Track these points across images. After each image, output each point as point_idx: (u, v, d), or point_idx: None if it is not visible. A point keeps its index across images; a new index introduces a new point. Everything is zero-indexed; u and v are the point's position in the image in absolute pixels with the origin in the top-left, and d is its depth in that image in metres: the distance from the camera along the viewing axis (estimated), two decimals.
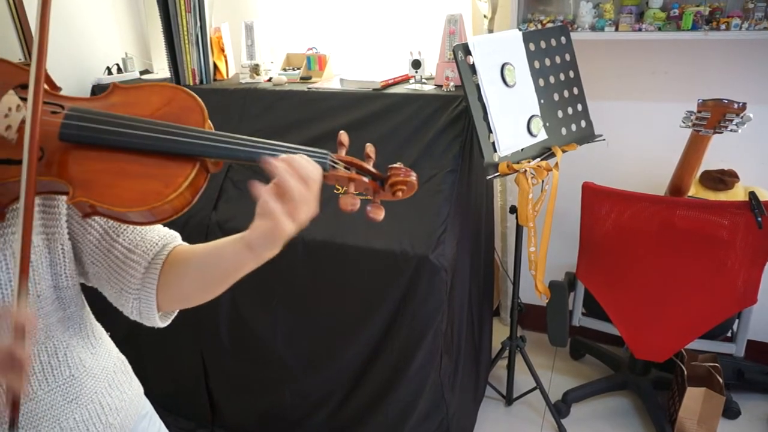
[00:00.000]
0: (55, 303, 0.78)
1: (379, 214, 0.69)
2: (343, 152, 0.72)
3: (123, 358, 0.96)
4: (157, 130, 0.66)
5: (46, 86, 0.71)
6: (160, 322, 0.83)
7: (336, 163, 0.70)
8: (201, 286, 0.78)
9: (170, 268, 0.79)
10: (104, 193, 0.64)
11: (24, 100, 0.68)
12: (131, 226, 0.81)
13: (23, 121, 0.66)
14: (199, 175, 0.67)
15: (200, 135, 0.67)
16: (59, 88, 0.71)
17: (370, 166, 0.72)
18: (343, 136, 0.72)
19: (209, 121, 0.71)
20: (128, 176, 0.66)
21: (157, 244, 0.81)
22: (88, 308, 0.88)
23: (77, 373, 0.82)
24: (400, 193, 0.71)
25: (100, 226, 0.79)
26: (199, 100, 0.72)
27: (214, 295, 0.78)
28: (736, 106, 1.61)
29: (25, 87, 0.70)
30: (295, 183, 0.62)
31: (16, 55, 2.05)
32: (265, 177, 0.64)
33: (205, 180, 0.68)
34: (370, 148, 0.73)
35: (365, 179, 0.71)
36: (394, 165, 0.72)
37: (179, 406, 2.06)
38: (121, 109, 0.71)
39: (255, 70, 2.13)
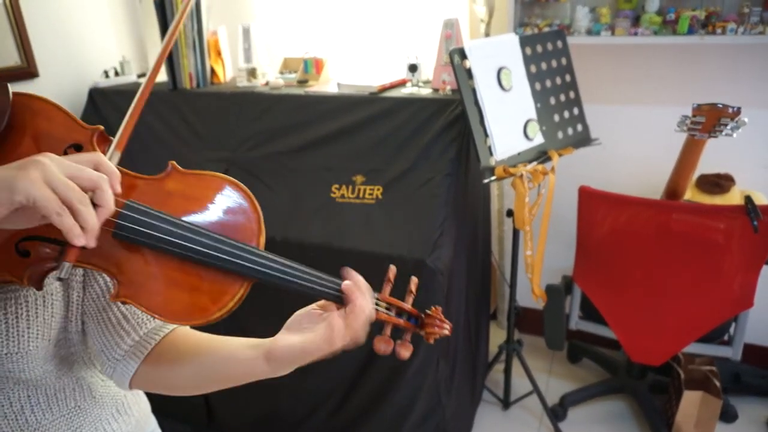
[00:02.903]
0: (61, 342, 0.76)
1: (406, 354, 0.69)
2: (387, 290, 0.71)
3: None
4: (217, 247, 0.62)
5: (96, 145, 0.66)
6: (128, 391, 0.80)
7: (378, 303, 0.69)
8: (194, 381, 0.74)
9: (163, 353, 0.75)
10: (148, 299, 0.61)
11: None
12: None
13: None
14: (246, 292, 0.65)
15: (260, 261, 0.64)
16: (109, 141, 0.66)
17: (409, 306, 0.72)
18: (392, 272, 0.71)
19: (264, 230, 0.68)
20: (176, 286, 0.63)
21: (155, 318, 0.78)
22: None
23: (84, 403, 0.80)
24: (432, 340, 0.73)
25: (105, 283, 0.76)
26: (257, 204, 0.68)
27: (201, 392, 0.75)
28: (730, 110, 1.62)
29: (79, 148, 0.65)
30: (363, 315, 0.64)
31: (12, 59, 2.04)
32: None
33: (248, 291, 0.65)
34: (413, 284, 0.72)
35: (402, 321, 0.71)
36: (431, 312, 0.72)
37: (174, 409, 2.05)
38: (177, 202, 0.66)
39: (252, 73, 2.13)
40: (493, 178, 1.64)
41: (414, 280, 0.73)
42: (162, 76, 2.28)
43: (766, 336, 2.29)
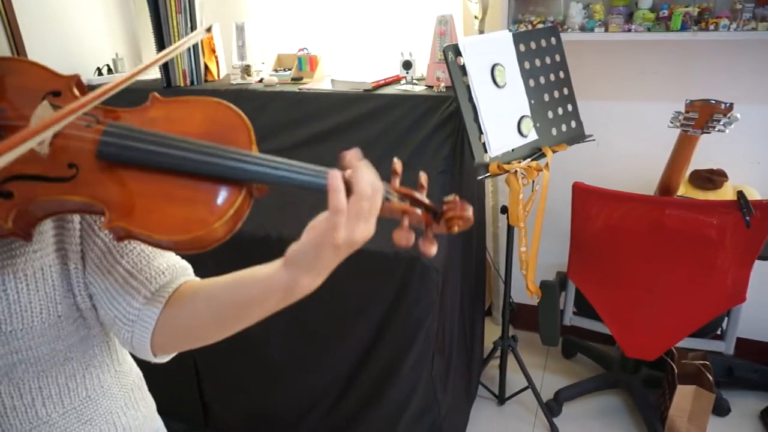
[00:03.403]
0: (77, 322, 0.74)
1: (432, 250, 0.64)
2: (397, 182, 0.67)
3: (140, 374, 0.93)
4: (204, 151, 0.61)
5: (77, 91, 0.66)
6: (155, 359, 0.76)
7: (390, 194, 0.65)
8: (212, 320, 0.71)
9: (177, 306, 0.71)
10: (143, 219, 0.59)
11: (57, 108, 0.63)
12: (138, 248, 0.74)
13: (56, 136, 0.60)
14: (244, 202, 0.62)
15: (251, 158, 0.62)
16: (87, 90, 0.66)
17: (424, 197, 0.67)
18: (398, 165, 0.67)
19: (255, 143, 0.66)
20: (170, 201, 0.61)
21: (163, 273, 0.74)
22: None
23: (94, 394, 0.79)
24: (456, 228, 0.67)
25: (104, 244, 0.73)
26: (246, 118, 0.66)
27: (222, 335, 0.71)
28: (723, 106, 1.63)
29: (57, 94, 0.65)
30: (368, 187, 0.59)
31: (3, 51, 2.03)
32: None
33: (248, 207, 0.63)
34: (423, 178, 0.68)
35: (419, 212, 0.66)
36: (449, 199, 0.67)
37: (171, 408, 2.04)
38: (163, 125, 0.65)
39: (246, 71, 2.13)
40: (487, 174, 1.64)
41: (423, 174, 0.68)
42: (155, 73, 2.27)
43: (759, 330, 2.31)
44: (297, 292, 0.63)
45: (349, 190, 0.59)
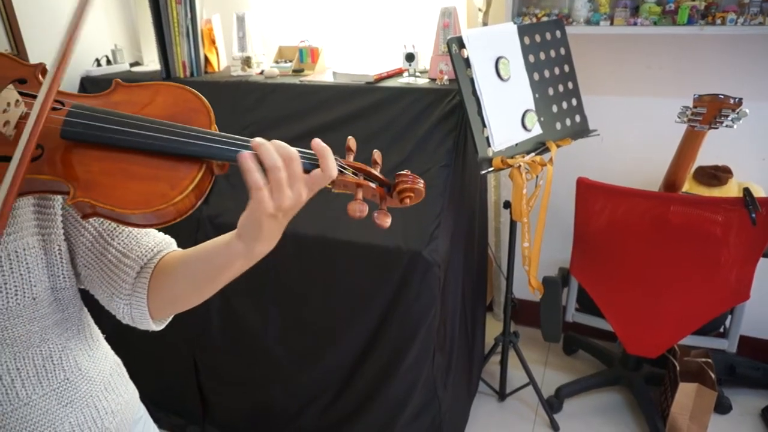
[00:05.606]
0: (52, 305, 0.76)
1: (386, 221, 0.68)
2: (351, 157, 0.71)
3: (119, 360, 0.95)
4: (163, 130, 0.65)
5: (42, 78, 0.69)
6: (155, 326, 0.81)
7: (344, 168, 0.69)
8: (191, 286, 0.77)
9: (161, 273, 0.78)
10: (107, 194, 0.63)
11: (23, 95, 0.66)
12: (126, 230, 0.80)
13: (22, 117, 0.64)
14: (204, 178, 0.65)
15: (208, 137, 0.66)
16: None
17: (377, 172, 0.71)
18: (351, 141, 0.72)
19: (215, 123, 0.70)
20: (132, 177, 0.64)
21: (152, 249, 0.80)
22: (86, 310, 0.86)
23: (72, 376, 0.81)
24: (408, 200, 0.71)
25: (95, 228, 0.78)
26: (206, 101, 0.70)
27: (204, 297, 0.77)
28: (732, 101, 1.60)
29: (23, 82, 0.69)
30: (276, 160, 0.62)
31: (2, 46, 2.01)
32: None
33: (210, 182, 0.67)
34: (377, 155, 0.73)
35: (372, 185, 0.70)
36: (402, 172, 0.71)
37: (170, 403, 2.04)
38: (125, 108, 0.69)
39: (246, 62, 2.10)
40: (490, 169, 1.63)
41: (376, 152, 0.73)
42: (155, 65, 2.25)
43: (761, 328, 2.30)
44: (256, 255, 0.69)
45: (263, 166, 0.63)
